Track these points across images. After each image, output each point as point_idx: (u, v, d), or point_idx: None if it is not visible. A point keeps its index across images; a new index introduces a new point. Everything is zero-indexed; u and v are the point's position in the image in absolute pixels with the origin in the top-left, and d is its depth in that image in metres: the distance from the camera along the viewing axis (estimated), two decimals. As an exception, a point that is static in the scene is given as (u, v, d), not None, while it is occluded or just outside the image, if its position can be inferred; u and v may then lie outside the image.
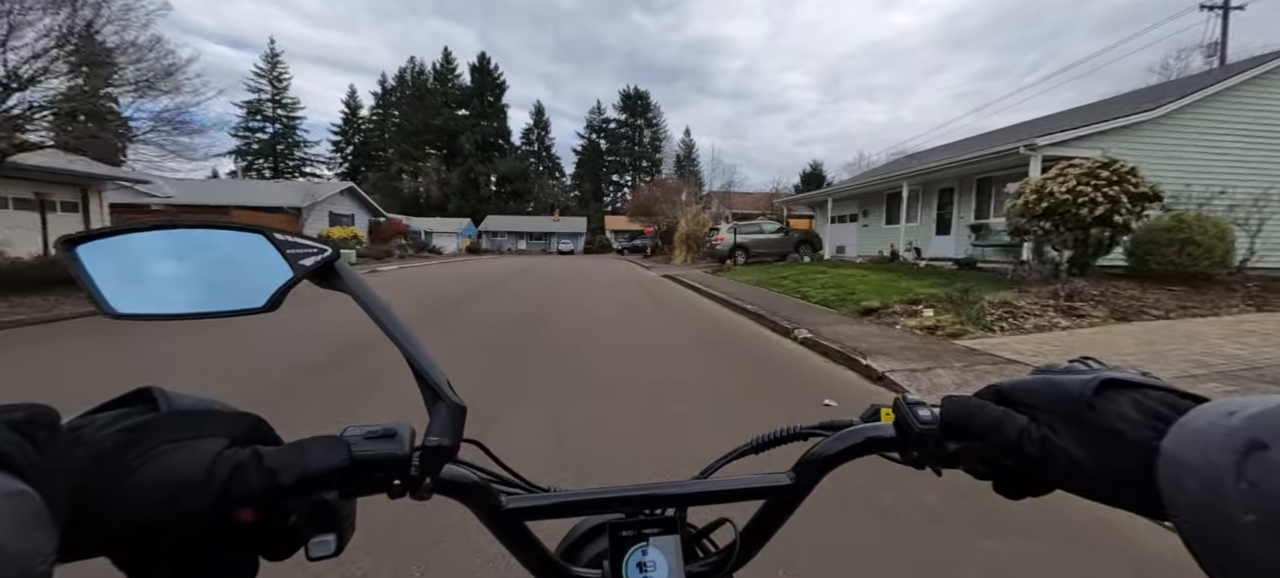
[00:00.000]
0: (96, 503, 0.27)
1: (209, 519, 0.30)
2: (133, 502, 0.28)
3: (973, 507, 2.30)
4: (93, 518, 0.27)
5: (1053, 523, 2.19)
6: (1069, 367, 0.38)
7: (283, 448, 0.34)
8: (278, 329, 6.33)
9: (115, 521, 0.28)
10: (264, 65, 72.08)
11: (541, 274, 19.10)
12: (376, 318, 0.41)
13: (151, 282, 0.40)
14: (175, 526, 0.29)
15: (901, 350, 5.47)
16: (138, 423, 0.30)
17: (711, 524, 0.52)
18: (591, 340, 6.54)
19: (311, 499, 0.34)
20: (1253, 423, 0.25)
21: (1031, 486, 0.38)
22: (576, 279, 16.96)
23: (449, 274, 18.64)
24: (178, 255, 0.40)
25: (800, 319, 7.51)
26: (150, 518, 0.29)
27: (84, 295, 0.38)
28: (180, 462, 0.30)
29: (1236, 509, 0.23)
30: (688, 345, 6.32)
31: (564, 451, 3.05)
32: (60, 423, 0.28)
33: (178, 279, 0.40)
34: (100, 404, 0.32)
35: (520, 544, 0.46)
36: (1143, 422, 0.31)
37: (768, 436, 0.52)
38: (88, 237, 0.37)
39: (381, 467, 0.37)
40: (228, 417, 0.34)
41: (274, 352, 5.45)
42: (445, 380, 0.40)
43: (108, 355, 5.56)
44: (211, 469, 0.30)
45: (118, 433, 0.29)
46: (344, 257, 0.42)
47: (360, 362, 4.97)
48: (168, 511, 0.29)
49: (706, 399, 4.08)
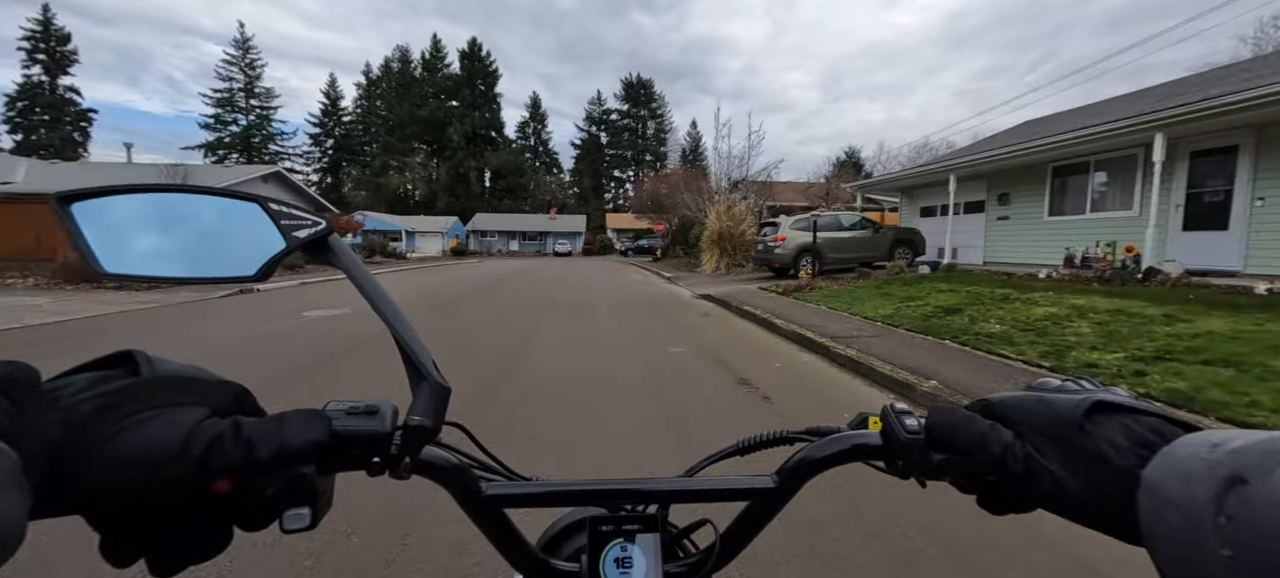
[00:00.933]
0: (72, 466, 0.27)
1: (185, 489, 0.30)
2: (108, 468, 0.28)
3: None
4: (68, 481, 0.27)
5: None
6: (1062, 385, 0.37)
7: (263, 421, 0.33)
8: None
9: (90, 485, 0.28)
10: (235, 52, 66.36)
11: (522, 290, 13.14)
12: (366, 293, 0.41)
13: (143, 242, 0.39)
14: (150, 493, 0.29)
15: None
16: (116, 388, 0.30)
17: (692, 525, 0.51)
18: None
19: (289, 473, 0.33)
20: (1234, 457, 0.24)
21: (1015, 502, 0.38)
22: (568, 300, 10.99)
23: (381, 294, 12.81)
24: (172, 218, 0.40)
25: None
26: (125, 485, 0.28)
27: (73, 250, 0.38)
28: (157, 431, 0.29)
29: (1213, 544, 0.23)
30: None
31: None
32: (41, 383, 0.28)
33: (170, 242, 0.40)
34: (81, 365, 0.31)
35: (498, 532, 0.45)
36: (1129, 448, 0.30)
37: (754, 438, 0.51)
38: (82, 194, 0.37)
39: (362, 443, 0.37)
40: (210, 385, 0.33)
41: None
42: (431, 360, 0.40)
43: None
44: (189, 439, 0.30)
45: (96, 397, 0.29)
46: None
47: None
48: (143, 478, 0.28)
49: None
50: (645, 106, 75.01)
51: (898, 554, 2.04)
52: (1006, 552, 2.02)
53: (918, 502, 2.27)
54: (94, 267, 0.37)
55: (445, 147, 67.27)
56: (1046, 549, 2.04)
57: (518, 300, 10.94)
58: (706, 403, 3.96)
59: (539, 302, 10.76)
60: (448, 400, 0.40)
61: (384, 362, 4.89)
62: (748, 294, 10.64)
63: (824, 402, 4.12)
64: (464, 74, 71.30)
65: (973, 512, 0.41)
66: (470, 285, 14.67)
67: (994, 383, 4.15)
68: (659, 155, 75.47)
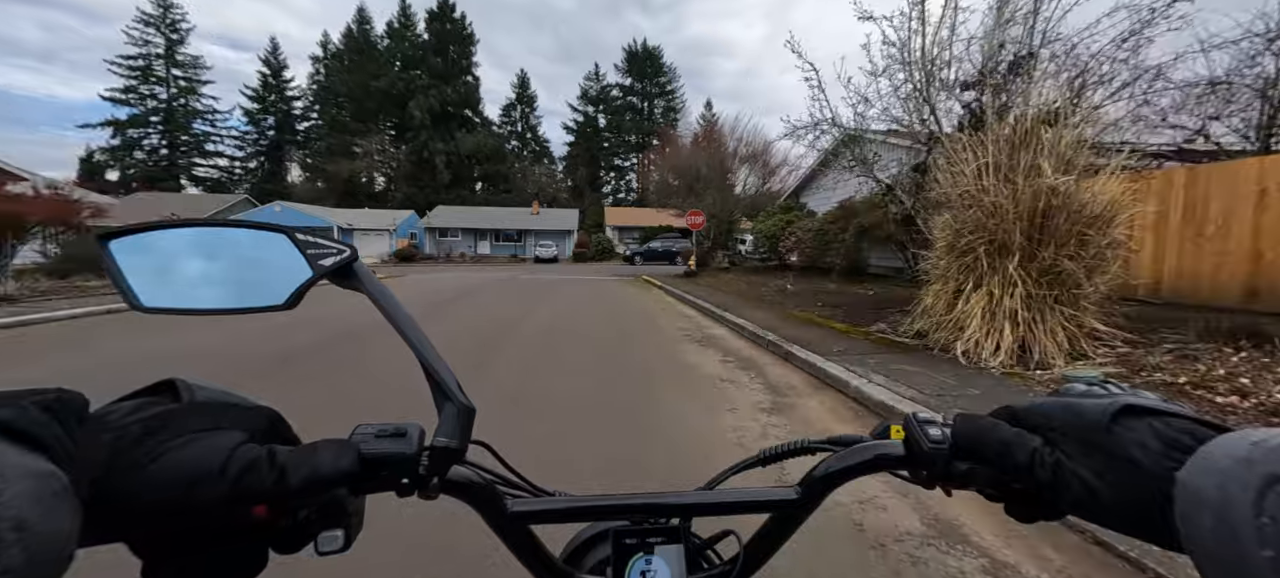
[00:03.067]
0: (117, 488, 0.28)
1: (222, 511, 0.31)
2: (150, 489, 0.29)
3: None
4: (113, 502, 0.28)
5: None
6: (1088, 389, 0.37)
7: (295, 449, 0.35)
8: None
9: (133, 506, 0.29)
10: (153, 10, 53.95)
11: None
12: (391, 318, 0.42)
13: (178, 277, 0.41)
14: (190, 514, 0.30)
15: None
16: (160, 412, 0.31)
17: (716, 536, 0.51)
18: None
19: (321, 497, 0.34)
20: (1272, 456, 0.24)
21: (1043, 509, 0.37)
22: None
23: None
24: (204, 253, 0.41)
25: None
26: (166, 506, 0.29)
27: (113, 288, 0.39)
28: (196, 454, 0.30)
29: (1253, 545, 0.23)
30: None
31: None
32: (88, 409, 0.29)
33: (203, 276, 0.41)
34: (127, 394, 0.33)
35: (524, 548, 0.45)
36: (1161, 451, 0.30)
37: (775, 449, 0.51)
38: (121, 232, 0.39)
39: (390, 466, 0.37)
40: (246, 411, 0.35)
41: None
42: (455, 382, 0.41)
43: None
44: (226, 463, 0.31)
45: (141, 422, 0.30)
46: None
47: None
48: (183, 498, 0.30)
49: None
50: (652, 81, 62.91)
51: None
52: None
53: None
54: (132, 303, 0.38)
55: (407, 127, 54.97)
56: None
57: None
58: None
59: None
60: (473, 421, 0.40)
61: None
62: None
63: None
64: (432, 39, 58.91)
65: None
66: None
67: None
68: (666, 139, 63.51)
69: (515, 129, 65.54)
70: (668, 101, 63.56)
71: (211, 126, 57.68)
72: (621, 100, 63.88)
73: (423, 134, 53.79)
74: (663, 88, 63.13)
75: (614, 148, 63.77)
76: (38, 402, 0.26)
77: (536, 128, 66.60)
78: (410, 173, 54.28)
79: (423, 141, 53.72)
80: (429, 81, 56.23)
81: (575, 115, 65.50)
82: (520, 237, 40.85)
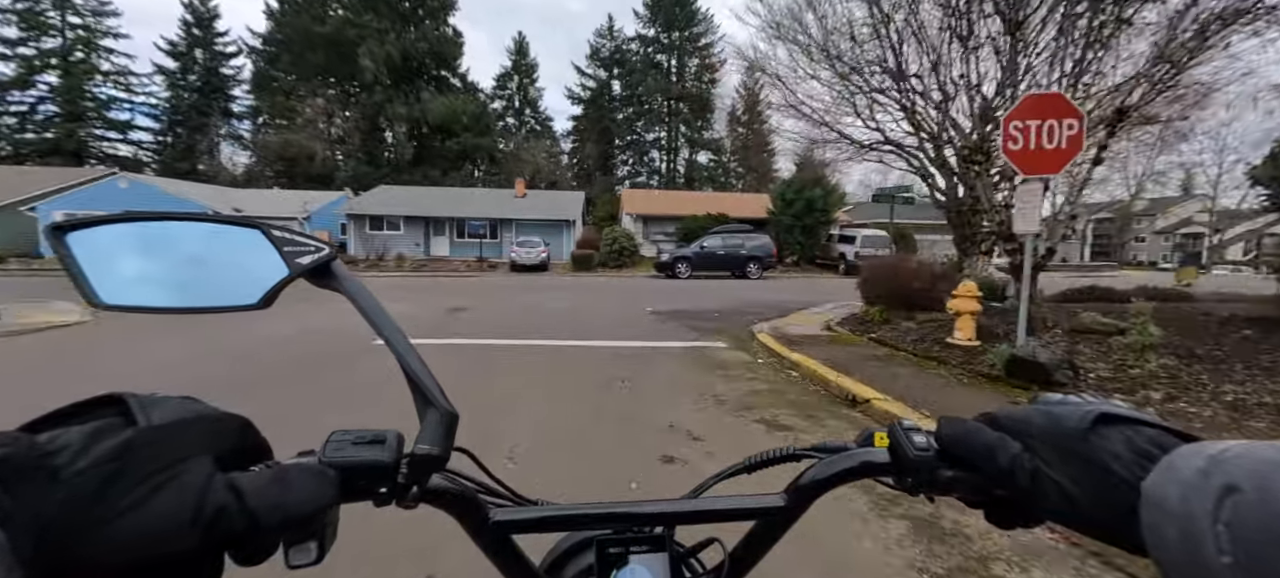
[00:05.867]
0: (72, 551, 0.25)
1: (190, 557, 0.28)
2: (112, 548, 0.26)
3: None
4: (64, 563, 0.25)
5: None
6: (1065, 398, 0.37)
7: (266, 483, 0.31)
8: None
9: (88, 566, 0.26)
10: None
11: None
12: (372, 321, 0.41)
13: (141, 272, 0.38)
14: (154, 563, 0.27)
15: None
16: (116, 448, 0.27)
17: (700, 544, 0.50)
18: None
19: (294, 529, 0.33)
20: (1228, 466, 0.25)
21: (1022, 516, 0.38)
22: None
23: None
24: (171, 247, 0.39)
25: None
26: (130, 563, 0.26)
27: (70, 282, 0.36)
28: (163, 505, 0.27)
29: (1212, 552, 0.23)
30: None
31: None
32: (37, 454, 0.25)
33: (169, 271, 0.39)
34: (67, 407, 0.28)
35: (505, 558, 0.45)
36: (1132, 459, 0.31)
37: (761, 456, 0.51)
38: (78, 224, 0.36)
39: (367, 474, 0.36)
40: (211, 422, 0.31)
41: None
42: (438, 387, 0.39)
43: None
44: (198, 509, 0.27)
45: (97, 465, 0.26)
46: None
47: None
48: (149, 552, 0.27)
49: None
50: (681, 29, 48.67)
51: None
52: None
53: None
54: (89, 298, 0.36)
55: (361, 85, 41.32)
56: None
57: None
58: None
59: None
60: (455, 427, 0.39)
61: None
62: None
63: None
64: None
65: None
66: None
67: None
68: (701, 108, 49.26)
69: (511, 104, 51.91)
70: (703, 58, 49.29)
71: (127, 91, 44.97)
72: (641, 56, 49.73)
73: (376, 93, 40.11)
74: (693, 38, 48.90)
75: (632, 119, 49.71)
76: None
77: (536, 103, 52.94)
78: (360, 144, 40.70)
79: (377, 103, 40.01)
80: (386, 24, 42.25)
81: (583, 80, 51.64)
82: (495, 230, 27.03)
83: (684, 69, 49.48)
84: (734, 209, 26.13)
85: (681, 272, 19.12)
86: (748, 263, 19.55)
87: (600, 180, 46.92)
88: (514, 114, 52.29)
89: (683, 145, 50.81)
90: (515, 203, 28.75)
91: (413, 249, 25.84)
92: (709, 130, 50.55)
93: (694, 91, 48.52)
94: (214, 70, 46.19)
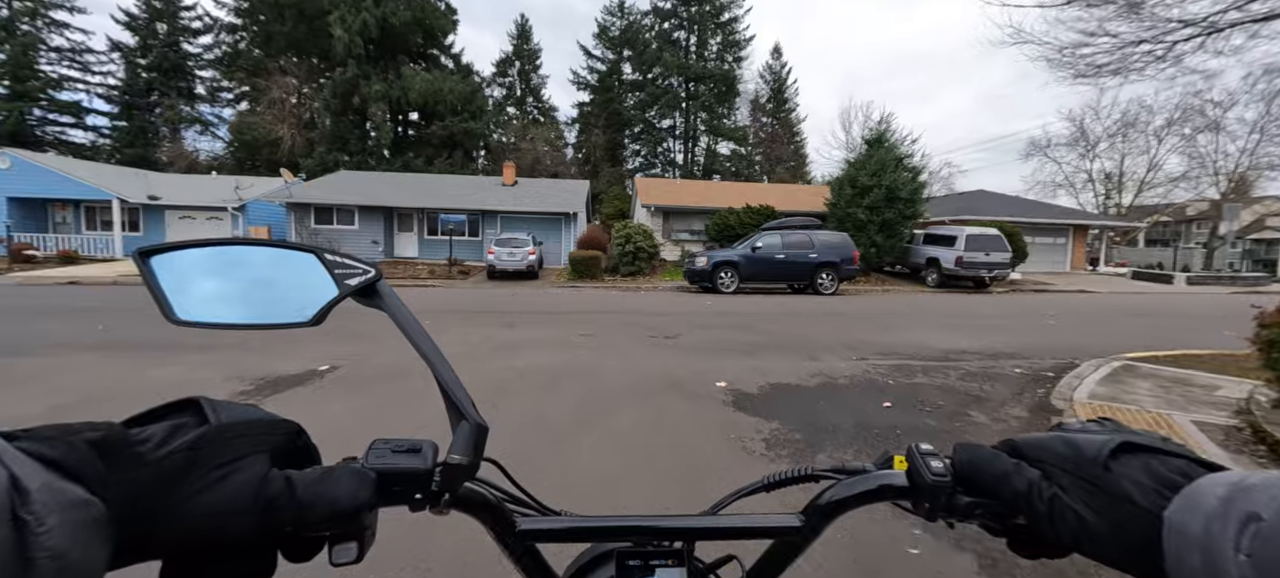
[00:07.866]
0: (154, 522, 0.29)
1: (248, 539, 0.33)
2: (186, 522, 0.30)
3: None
4: (149, 534, 0.29)
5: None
6: (1085, 426, 0.37)
7: (314, 480, 0.36)
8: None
9: (168, 538, 0.30)
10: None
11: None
12: (410, 337, 0.43)
13: (211, 292, 0.42)
14: (218, 541, 0.32)
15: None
16: (193, 441, 0.32)
17: (718, 560, 0.51)
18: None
19: (338, 524, 0.36)
20: (1251, 494, 0.25)
21: (1046, 546, 0.37)
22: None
23: None
24: (239, 270, 0.43)
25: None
26: (199, 536, 0.31)
27: (151, 299, 0.40)
28: (230, 490, 0.32)
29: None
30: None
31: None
32: (130, 441, 0.30)
33: (235, 291, 0.43)
34: (153, 410, 0.34)
35: (529, 565, 0.47)
36: (1154, 489, 0.30)
37: (779, 475, 0.51)
38: (160, 249, 0.40)
39: (404, 481, 0.38)
40: (269, 425, 0.36)
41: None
42: (470, 400, 0.42)
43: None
44: (256, 496, 0.32)
45: (178, 453, 0.31)
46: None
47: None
48: (215, 530, 0.31)
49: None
50: (702, 3, 42.83)
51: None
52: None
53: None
54: (167, 315, 0.39)
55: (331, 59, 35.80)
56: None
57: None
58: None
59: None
60: (485, 439, 0.41)
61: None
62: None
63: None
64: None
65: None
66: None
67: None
68: (723, 92, 43.39)
69: (511, 92, 46.38)
70: (726, 35, 43.46)
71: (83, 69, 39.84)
72: (656, 32, 43.96)
73: (350, 70, 34.57)
74: (716, 14, 43.06)
75: (646, 103, 43.95)
76: (88, 439, 0.27)
77: (538, 91, 47.32)
78: (331, 130, 35.26)
79: (350, 79, 34.51)
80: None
81: (591, 62, 46.00)
82: (477, 225, 21.44)
83: (705, 47, 43.61)
84: (782, 201, 20.33)
85: (726, 284, 13.40)
86: (819, 271, 13.79)
87: (608, 172, 41.26)
88: (515, 103, 46.78)
89: (702, 134, 44.94)
90: (502, 192, 23.09)
91: (370, 248, 20.26)
92: (731, 117, 44.68)
93: (716, 72, 42.67)
94: (174, 45, 40.98)
